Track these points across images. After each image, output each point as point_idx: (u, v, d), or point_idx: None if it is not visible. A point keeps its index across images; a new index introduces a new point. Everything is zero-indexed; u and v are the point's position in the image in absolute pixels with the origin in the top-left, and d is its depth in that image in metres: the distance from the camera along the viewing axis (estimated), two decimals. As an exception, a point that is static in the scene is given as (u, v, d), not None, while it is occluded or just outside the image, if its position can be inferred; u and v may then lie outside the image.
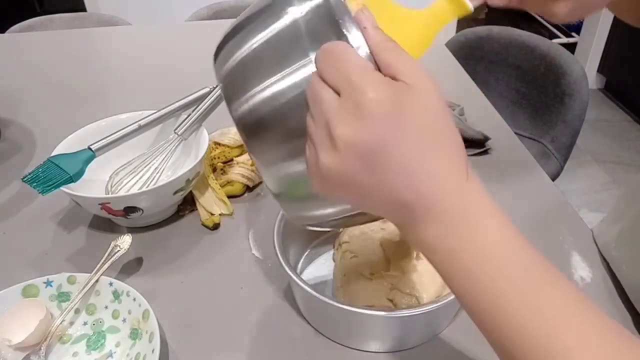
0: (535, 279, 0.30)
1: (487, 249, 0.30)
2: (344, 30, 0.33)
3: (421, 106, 0.30)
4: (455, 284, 0.32)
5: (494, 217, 0.31)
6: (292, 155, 0.36)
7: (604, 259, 0.63)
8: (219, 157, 0.76)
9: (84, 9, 2.43)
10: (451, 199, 0.31)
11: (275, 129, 0.36)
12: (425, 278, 0.56)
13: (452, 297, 0.47)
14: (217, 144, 0.77)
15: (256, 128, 0.36)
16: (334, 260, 0.63)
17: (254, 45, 0.35)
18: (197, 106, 0.71)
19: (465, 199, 0.31)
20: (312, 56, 0.33)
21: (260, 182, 0.76)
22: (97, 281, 0.55)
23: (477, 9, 0.46)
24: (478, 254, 0.30)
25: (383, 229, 0.62)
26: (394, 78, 0.31)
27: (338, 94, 0.31)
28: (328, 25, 0.33)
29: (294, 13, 0.34)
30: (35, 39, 1.31)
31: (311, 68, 0.33)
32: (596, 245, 0.66)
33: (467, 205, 0.31)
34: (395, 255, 0.58)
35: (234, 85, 0.36)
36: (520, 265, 0.30)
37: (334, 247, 0.64)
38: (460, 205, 0.31)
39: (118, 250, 0.58)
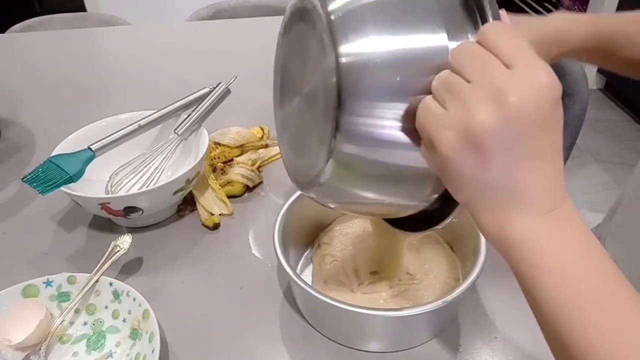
0: (614, 296, 0.31)
1: (577, 253, 0.32)
2: (489, 16, 0.34)
3: (561, 112, 0.33)
4: (532, 280, 0.32)
5: (586, 229, 0.33)
6: (394, 121, 0.34)
7: None
8: (219, 157, 0.76)
9: (84, 9, 2.43)
10: (557, 198, 0.32)
11: (385, 87, 0.34)
12: (424, 292, 0.55)
13: (452, 297, 0.47)
14: (217, 144, 0.77)
15: (360, 80, 0.33)
16: (312, 262, 0.62)
17: None
18: (197, 106, 0.71)
19: (568, 204, 0.33)
20: (444, 32, 0.34)
21: (261, 182, 0.76)
22: (97, 281, 0.55)
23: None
24: (567, 257, 0.32)
25: (368, 230, 0.62)
26: None
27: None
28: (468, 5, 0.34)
29: None
30: (35, 39, 1.31)
31: (443, 41, 0.34)
32: None
33: (568, 209, 0.33)
34: (388, 264, 0.57)
35: (347, 23, 0.34)
36: (601, 279, 0.31)
37: (312, 247, 0.64)
38: (562, 207, 0.32)
39: (118, 250, 0.58)
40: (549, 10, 3.06)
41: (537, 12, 3.10)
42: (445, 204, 0.40)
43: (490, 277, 0.48)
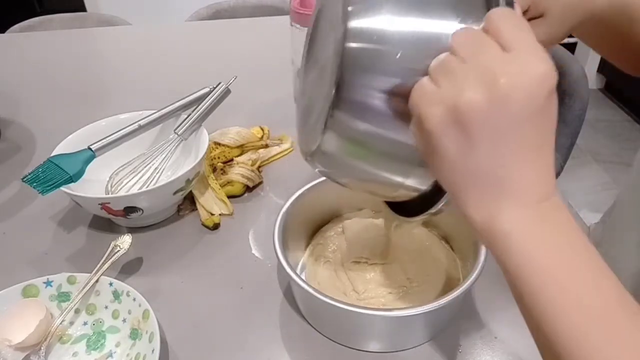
0: (602, 296, 0.30)
1: (565, 248, 0.31)
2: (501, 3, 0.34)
3: (556, 104, 0.32)
4: (517, 274, 0.31)
5: (574, 223, 0.32)
6: (393, 94, 0.35)
7: None
8: (219, 157, 0.76)
9: (84, 9, 2.43)
10: (546, 191, 0.32)
11: (387, 64, 0.34)
12: (424, 294, 0.55)
13: (452, 297, 0.47)
14: (217, 144, 0.77)
15: (364, 53, 0.34)
16: (306, 263, 0.61)
17: None
18: (197, 106, 0.71)
19: (557, 198, 0.32)
20: (456, 19, 0.34)
21: (261, 182, 0.76)
22: (97, 281, 0.55)
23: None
24: (555, 252, 0.31)
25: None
26: None
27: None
28: None
29: None
30: (35, 39, 1.31)
31: (453, 27, 0.34)
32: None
33: (557, 203, 0.32)
34: (386, 266, 0.57)
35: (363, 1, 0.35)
36: (590, 277, 0.31)
37: (304, 249, 0.63)
38: (551, 200, 0.32)
39: (118, 250, 0.58)
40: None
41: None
42: (439, 191, 0.40)
43: (491, 277, 0.48)
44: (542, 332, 0.31)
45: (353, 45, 0.34)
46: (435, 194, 0.41)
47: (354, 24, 0.34)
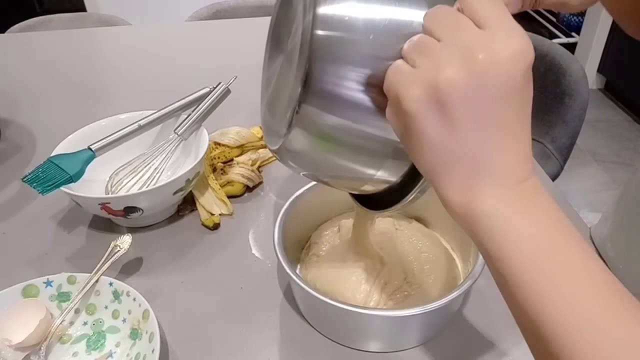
0: (589, 275, 0.30)
1: (549, 227, 0.31)
2: None
3: (532, 83, 0.31)
4: (500, 258, 0.31)
5: (554, 203, 0.32)
6: (366, 85, 0.34)
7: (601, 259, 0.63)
8: (219, 157, 0.76)
9: (84, 9, 2.43)
10: (525, 171, 0.31)
11: (358, 48, 0.33)
12: (425, 294, 0.55)
13: (452, 297, 0.47)
14: (217, 144, 0.77)
15: (334, 38, 0.33)
16: (300, 263, 0.61)
17: None
18: (197, 106, 0.71)
19: (535, 179, 0.32)
20: (427, 4, 0.33)
21: (261, 182, 0.76)
22: (97, 281, 0.55)
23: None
24: (539, 231, 0.30)
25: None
26: None
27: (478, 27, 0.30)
28: None
29: None
30: (35, 39, 1.31)
31: (424, 11, 0.33)
32: (594, 245, 0.66)
33: (535, 183, 0.32)
34: (384, 266, 0.56)
35: None
36: (577, 256, 0.30)
37: (302, 248, 0.63)
38: (530, 181, 0.32)
39: (118, 250, 0.58)
40: (545, 17, 3.06)
41: (534, 19, 3.10)
42: (411, 183, 0.40)
43: (491, 277, 0.48)
44: (526, 316, 0.30)
45: (322, 32, 0.33)
46: (404, 186, 0.40)
47: (323, 9, 0.33)
